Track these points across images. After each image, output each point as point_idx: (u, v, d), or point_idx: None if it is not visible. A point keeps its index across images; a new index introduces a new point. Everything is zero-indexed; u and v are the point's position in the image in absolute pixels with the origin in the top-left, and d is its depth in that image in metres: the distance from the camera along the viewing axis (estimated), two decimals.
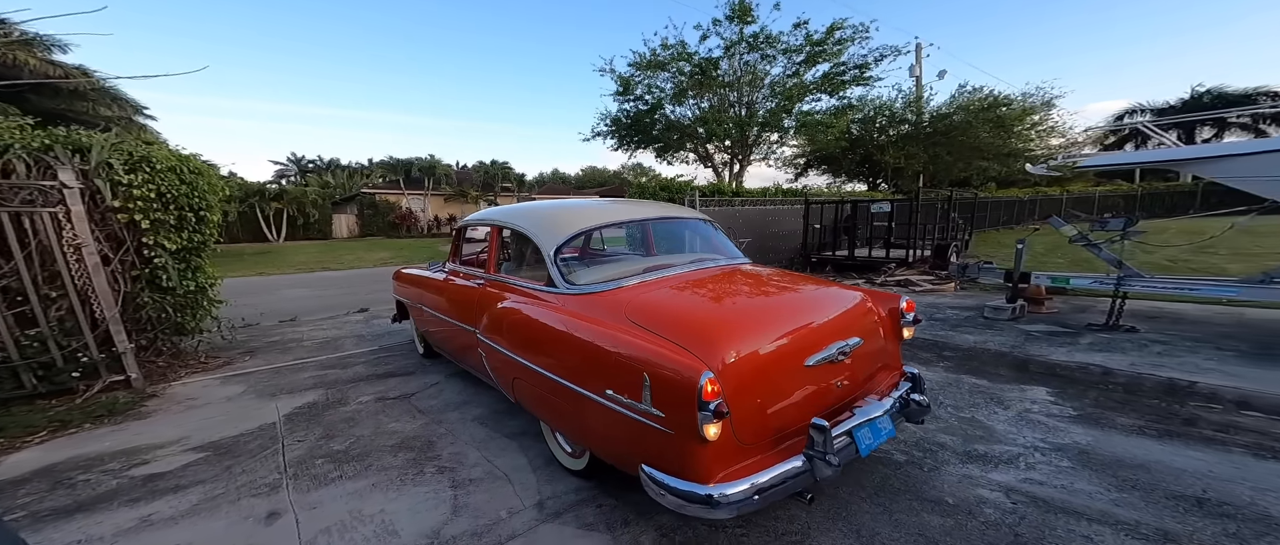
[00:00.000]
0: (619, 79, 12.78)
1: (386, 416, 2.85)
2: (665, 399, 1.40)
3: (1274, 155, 3.64)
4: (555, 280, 2.06)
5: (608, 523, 1.76)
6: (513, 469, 2.17)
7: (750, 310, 1.85)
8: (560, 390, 1.77)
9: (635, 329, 1.64)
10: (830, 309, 1.90)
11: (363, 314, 6.18)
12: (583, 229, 2.31)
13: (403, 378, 3.56)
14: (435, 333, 3.30)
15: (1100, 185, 19.56)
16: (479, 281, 2.62)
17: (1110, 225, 4.49)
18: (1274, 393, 2.77)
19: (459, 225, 3.18)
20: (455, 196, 28.32)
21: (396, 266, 4.59)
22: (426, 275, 3.34)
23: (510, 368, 2.10)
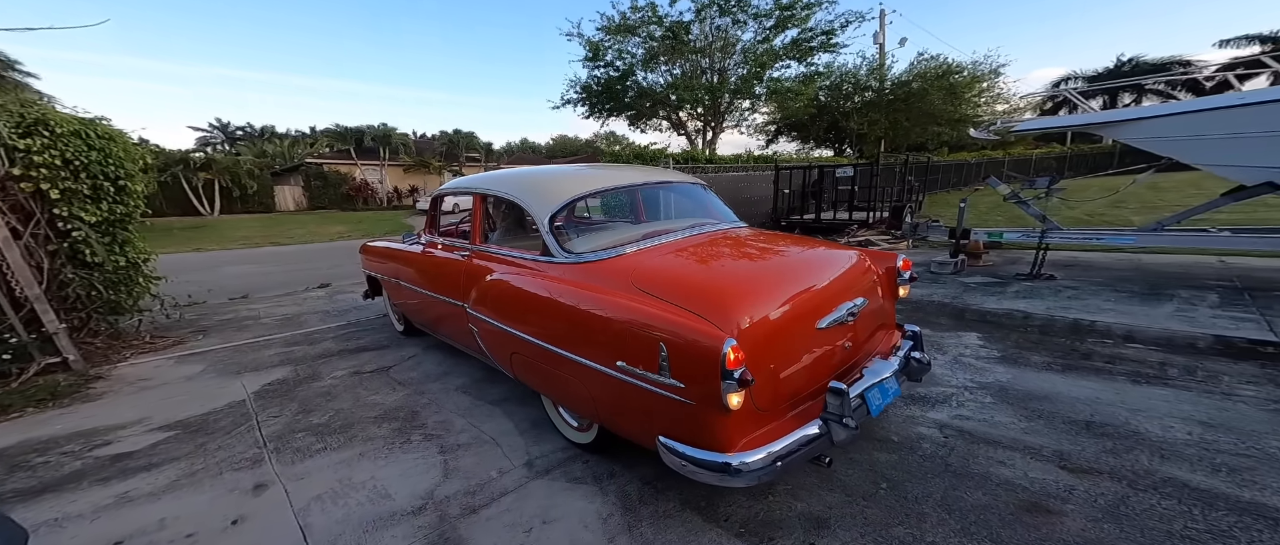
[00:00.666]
0: (588, 44, 12.24)
1: (365, 389, 2.85)
2: (685, 369, 1.36)
3: (1166, 119, 4.14)
4: (552, 249, 1.98)
5: (594, 475, 1.92)
6: (500, 433, 2.28)
7: (760, 274, 1.83)
8: (565, 364, 1.73)
9: (644, 297, 1.59)
10: (835, 269, 1.88)
11: (325, 289, 5.92)
12: (578, 195, 2.22)
13: (378, 352, 3.52)
14: (416, 309, 3.15)
15: (1038, 148, 21.05)
16: (464, 253, 2.49)
17: (1037, 184, 5.04)
18: (1154, 326, 3.29)
19: (435, 194, 2.99)
20: (416, 167, 26.58)
21: (358, 240, 4.41)
22: (401, 248, 3.17)
23: (507, 343, 2.04)
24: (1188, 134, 3.99)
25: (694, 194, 2.78)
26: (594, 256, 1.91)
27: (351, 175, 24.69)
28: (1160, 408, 2.23)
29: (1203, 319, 3.37)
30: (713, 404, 1.34)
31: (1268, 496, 1.62)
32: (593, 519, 1.67)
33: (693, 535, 1.57)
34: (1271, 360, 2.66)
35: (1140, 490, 1.69)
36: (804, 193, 9.35)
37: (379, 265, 3.58)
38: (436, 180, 27.31)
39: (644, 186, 2.68)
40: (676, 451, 1.43)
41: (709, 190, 2.83)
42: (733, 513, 1.65)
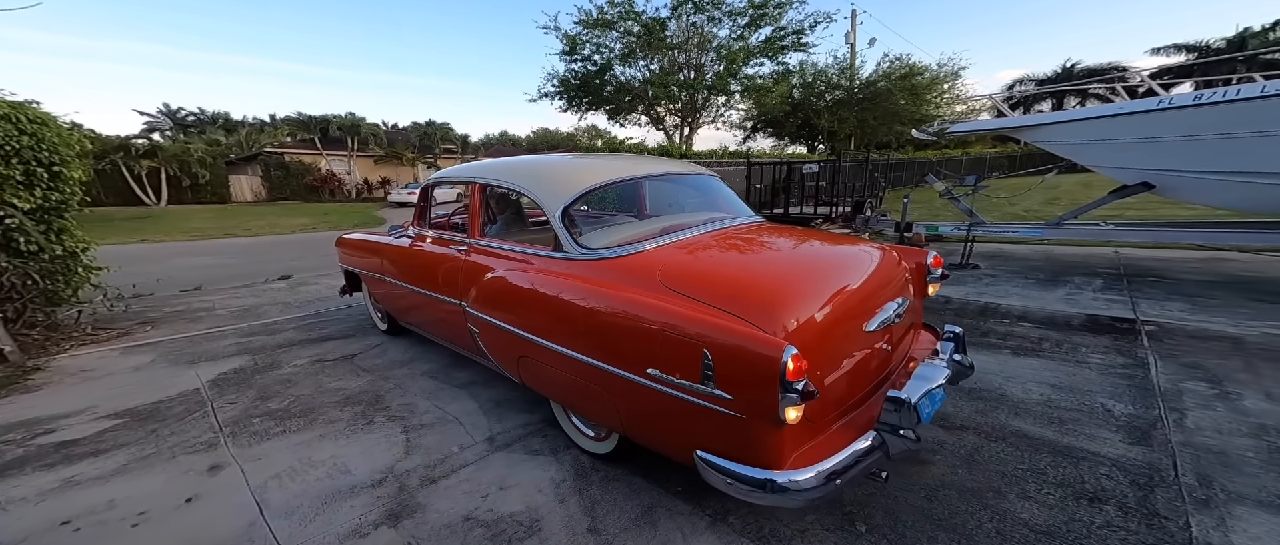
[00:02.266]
0: (565, 38, 12.20)
1: (327, 377, 2.87)
2: (735, 379, 1.24)
3: (1063, 125, 4.62)
4: (564, 244, 1.82)
5: (552, 448, 2.04)
6: (463, 413, 2.36)
7: (800, 272, 1.70)
8: (584, 371, 1.58)
9: (676, 298, 1.46)
10: (871, 266, 1.76)
11: (286, 281, 5.76)
12: (592, 186, 2.05)
13: (342, 340, 3.52)
14: (405, 307, 2.92)
15: (994, 147, 22.30)
16: (460, 248, 2.27)
17: (966, 182, 5.52)
18: (1043, 308, 3.68)
19: (426, 183, 2.79)
20: (387, 158, 25.65)
21: (323, 232, 4.33)
22: (385, 242, 2.94)
23: (514, 346, 1.87)
24: (1080, 138, 4.46)
25: (706, 186, 2.59)
26: (613, 252, 1.75)
27: (316, 165, 23.66)
28: (1027, 375, 2.56)
29: (1084, 301, 3.79)
30: (766, 417, 1.22)
31: (1080, 441, 1.95)
32: (546, 484, 1.80)
33: (636, 494, 1.72)
34: (1125, 334, 3.04)
35: (992, 441, 1.97)
36: (773, 187, 9.70)
37: (359, 260, 3.33)
38: (409, 172, 26.48)
39: (656, 178, 2.50)
40: (719, 467, 1.31)
41: (721, 182, 2.66)
42: (673, 476, 1.81)
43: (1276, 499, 1.55)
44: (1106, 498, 1.62)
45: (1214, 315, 3.26)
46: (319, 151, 23.79)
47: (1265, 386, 2.26)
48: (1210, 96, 3.57)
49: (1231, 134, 3.53)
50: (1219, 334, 2.93)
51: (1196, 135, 3.71)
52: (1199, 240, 4.58)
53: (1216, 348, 2.74)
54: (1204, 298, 3.65)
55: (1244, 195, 3.87)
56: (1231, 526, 1.46)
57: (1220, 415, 2.06)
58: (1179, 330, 3.06)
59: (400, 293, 2.79)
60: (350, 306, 4.42)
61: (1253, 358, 2.56)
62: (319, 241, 9.71)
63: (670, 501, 1.68)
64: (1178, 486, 1.65)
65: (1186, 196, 4.35)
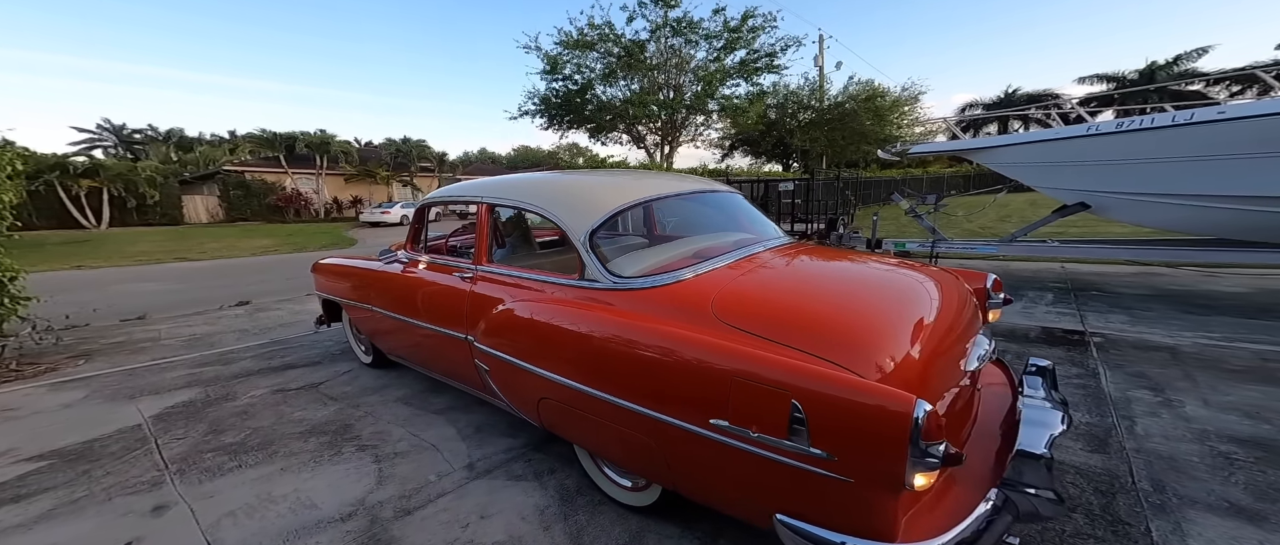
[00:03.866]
0: (546, 57, 12.60)
1: (290, 406, 2.70)
2: (841, 437, 1.05)
3: (1009, 148, 5.08)
4: (594, 273, 1.63)
5: (535, 472, 1.98)
6: (441, 439, 2.27)
7: (883, 303, 1.50)
8: (624, 417, 1.39)
9: (740, 335, 1.28)
10: (952, 294, 1.60)
11: (244, 307, 5.44)
12: (622, 206, 1.84)
13: (308, 368, 3.33)
14: (396, 340, 2.65)
15: (950, 167, 24.01)
16: (465, 275, 2.04)
17: (928, 200, 5.95)
18: (1004, 322, 3.80)
19: (422, 203, 2.57)
20: (359, 176, 25.10)
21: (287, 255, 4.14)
22: (373, 267, 2.70)
23: (533, 387, 1.66)
24: (1023, 161, 4.93)
25: (731, 204, 2.39)
26: (650, 282, 1.57)
27: (281, 184, 22.86)
28: None
29: (1038, 314, 4.06)
30: (883, 483, 1.03)
31: None
32: (530, 511, 1.74)
33: (623, 519, 1.69)
34: (1076, 345, 3.28)
35: None
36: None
37: (339, 287, 3.06)
38: (382, 191, 25.97)
39: (682, 196, 2.27)
40: (812, 537, 1.11)
41: (744, 199, 2.52)
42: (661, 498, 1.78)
43: (1224, 503, 1.66)
44: (1074, 505, 1.70)
45: (1152, 326, 3.56)
46: (284, 170, 23.07)
47: (1202, 393, 2.47)
48: (1130, 124, 3.99)
49: (1150, 159, 3.95)
50: (1157, 344, 3.21)
51: (1121, 160, 4.13)
52: (1129, 257, 5.04)
53: (1156, 357, 2.99)
54: (1141, 310, 3.98)
55: (1164, 216, 4.31)
56: (1187, 530, 1.55)
57: (1166, 422, 2.23)
58: (1123, 341, 3.32)
59: (391, 324, 2.52)
60: (317, 332, 4.21)
61: (1188, 366, 2.81)
62: (283, 264, 9.28)
63: (659, 525, 1.66)
64: (1136, 492, 1.74)
65: (1117, 216, 4.76)
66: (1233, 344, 3.07)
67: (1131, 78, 20.58)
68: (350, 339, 3.45)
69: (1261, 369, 2.66)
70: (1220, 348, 3.03)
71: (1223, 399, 2.37)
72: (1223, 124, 3.51)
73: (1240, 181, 3.57)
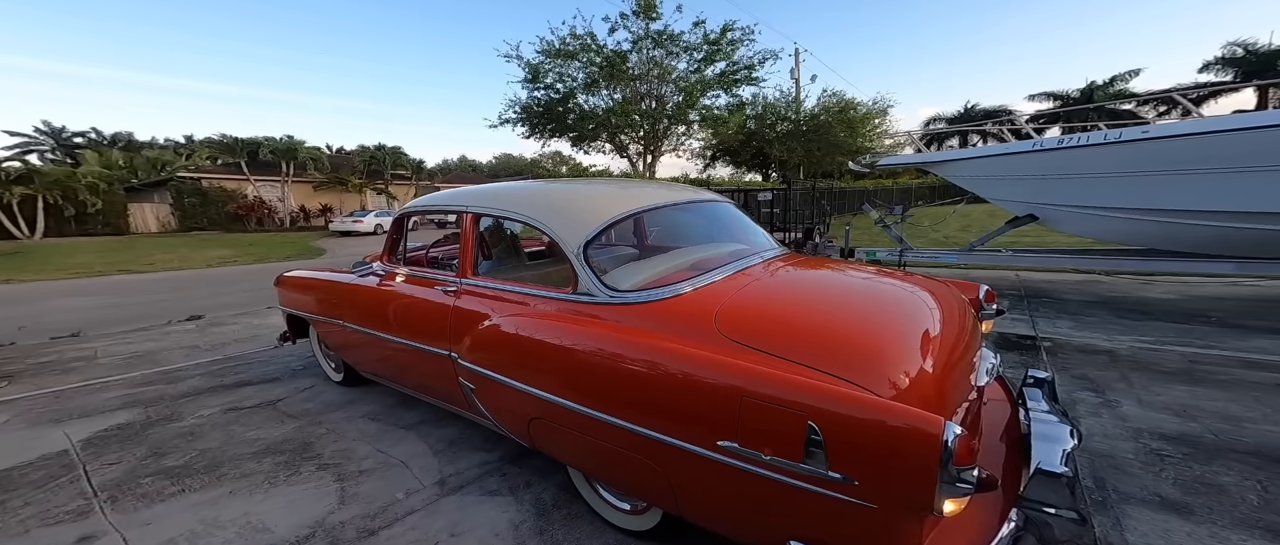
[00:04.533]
0: (528, 66, 12.65)
1: (242, 426, 2.53)
2: (863, 461, 1.00)
3: (966, 162, 5.46)
4: (588, 286, 1.56)
5: (511, 487, 1.93)
6: (411, 455, 2.17)
7: (891, 317, 1.47)
8: (624, 438, 1.32)
9: (747, 352, 1.23)
10: (953, 306, 1.56)
11: (195, 322, 5.09)
12: (616, 217, 1.75)
13: (264, 385, 3.13)
14: (371, 356, 2.50)
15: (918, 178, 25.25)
16: (448, 288, 1.93)
17: (895, 211, 6.29)
18: None
19: (400, 213, 2.42)
20: (330, 184, 24.18)
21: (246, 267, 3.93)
22: (346, 280, 2.53)
23: (523, 406, 1.58)
24: (978, 174, 5.31)
25: (724, 214, 2.33)
26: (648, 296, 1.51)
27: (242, 192, 21.73)
28: None
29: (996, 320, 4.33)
30: (909, 509, 0.99)
31: None
32: (504, 527, 1.68)
33: (600, 532, 1.66)
34: (1029, 350, 3.51)
35: None
36: None
37: (306, 301, 2.87)
38: (354, 200, 25.13)
39: (677, 206, 2.18)
40: None
41: (737, 209, 2.45)
42: None
43: (1156, 498, 1.78)
44: None
45: (1093, 332, 3.84)
46: (246, 177, 21.98)
47: (1137, 394, 2.68)
48: (1068, 141, 4.35)
49: (1086, 174, 4.30)
50: (1099, 348, 3.46)
51: (1062, 174, 4.48)
52: (1073, 265, 5.45)
53: (1097, 360, 3.22)
54: (1084, 316, 4.29)
55: (1101, 227, 4.70)
56: (1126, 525, 1.64)
57: (1106, 421, 2.40)
58: (1068, 345, 3.56)
59: (366, 340, 2.36)
60: (278, 348, 3.98)
61: (1125, 369, 3.04)
62: (241, 276, 8.75)
63: (639, 540, 1.63)
64: (1081, 489, 1.84)
65: (1062, 226, 5.14)
66: (1163, 347, 3.35)
67: (1074, 96, 22.36)
68: (318, 356, 3.25)
69: (1189, 371, 2.91)
70: (1153, 351, 3.30)
71: (1155, 399, 2.57)
72: (1146, 143, 3.88)
73: (1163, 196, 3.95)
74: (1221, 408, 2.36)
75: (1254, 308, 4.14)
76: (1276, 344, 3.20)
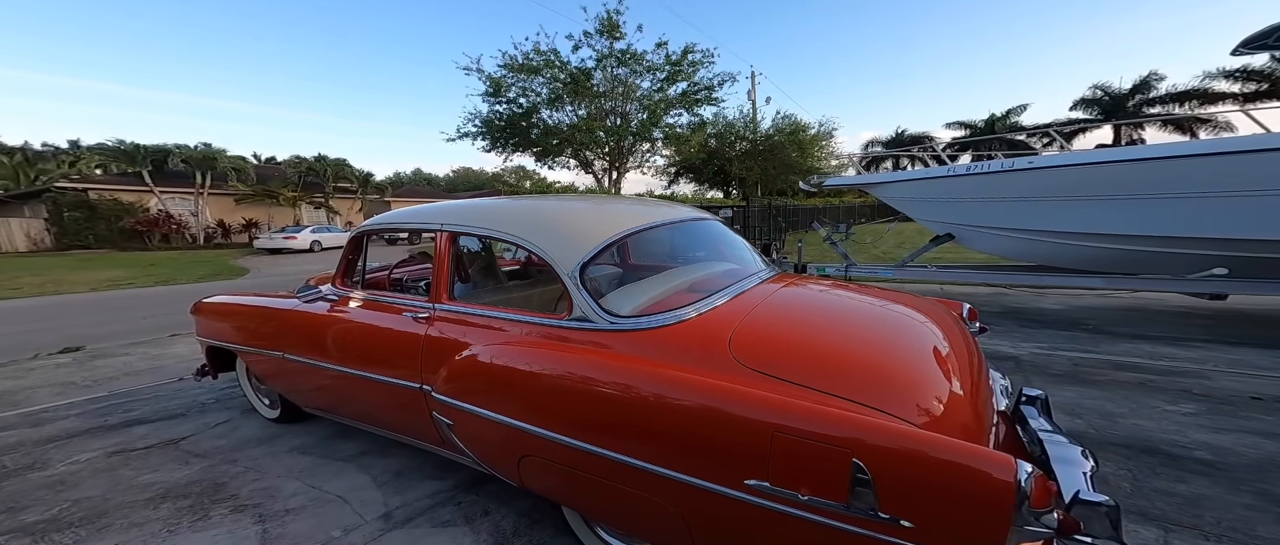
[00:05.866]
0: (489, 80, 12.56)
1: (133, 469, 2.15)
2: (923, 503, 0.93)
3: (895, 184, 6.10)
4: (585, 311, 1.46)
5: (466, 516, 1.78)
6: (350, 489, 1.95)
7: (914, 345, 1.43)
8: (639, 478, 1.22)
9: (770, 382, 1.17)
10: (960, 328, 1.55)
11: (71, 355, 4.32)
12: (613, 237, 1.65)
13: (163, 423, 2.70)
14: (319, 391, 2.25)
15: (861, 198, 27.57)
16: (419, 314, 1.77)
17: (841, 228, 6.86)
18: None
19: (357, 231, 2.19)
20: (256, 197, 21.94)
21: (146, 288, 3.46)
22: (283, 307, 2.27)
23: (512, 443, 1.45)
24: (905, 196, 5.98)
25: (711, 233, 2.26)
26: (652, 321, 1.43)
27: (143, 205, 19.09)
28: None
29: None
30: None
31: None
32: None
33: None
34: None
35: None
36: None
37: (232, 330, 2.53)
38: (285, 214, 22.99)
39: (672, 225, 2.08)
40: None
41: (726, 228, 2.40)
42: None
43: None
44: None
45: (1002, 339, 4.31)
46: (148, 188, 19.41)
47: None
48: (974, 168, 4.98)
49: (987, 198, 4.93)
50: (1006, 354, 3.88)
51: (970, 198, 5.10)
52: (982, 279, 6.16)
53: (1005, 366, 3.59)
54: (994, 325, 4.75)
55: (1001, 245, 5.36)
56: None
57: None
58: (987, 353, 3.99)
59: (316, 374, 2.10)
60: (181, 380, 3.47)
61: (1027, 372, 3.42)
62: (137, 301, 7.60)
63: None
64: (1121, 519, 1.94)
65: (973, 245, 5.79)
66: (1054, 352, 3.83)
67: (980, 126, 25.76)
68: (247, 391, 2.82)
69: (1074, 372, 3.33)
70: (1047, 355, 3.76)
71: (1053, 399, 2.93)
72: (1033, 172, 4.50)
73: (1048, 220, 4.58)
74: (1099, 405, 2.66)
75: (1120, 316, 4.88)
76: (1137, 348, 3.75)
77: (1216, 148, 3.56)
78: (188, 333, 5.10)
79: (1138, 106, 19.42)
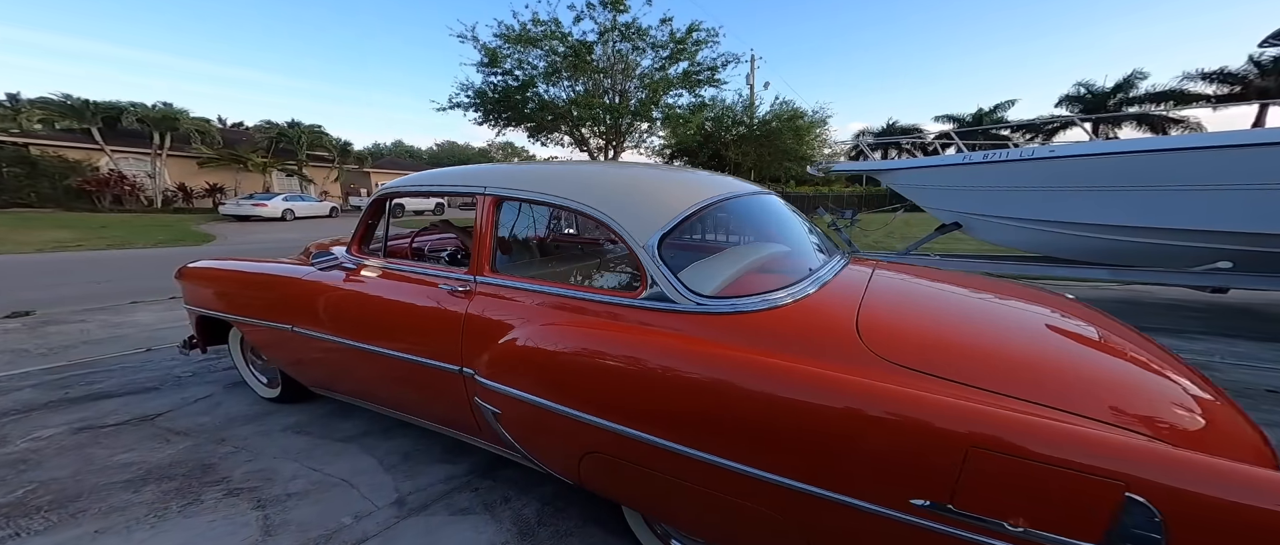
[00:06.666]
0: (485, 50, 12.07)
1: (104, 448, 2.00)
2: None
3: (906, 172, 6.10)
4: (666, 290, 1.31)
5: (485, 503, 1.71)
6: (355, 472, 1.85)
7: (1129, 353, 1.29)
8: (746, 487, 1.09)
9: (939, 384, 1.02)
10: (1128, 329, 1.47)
11: (21, 319, 4.01)
12: (693, 208, 1.50)
13: (132, 398, 2.52)
14: (332, 370, 2.05)
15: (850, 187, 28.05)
16: (456, 287, 1.62)
17: (846, 215, 6.90)
18: None
19: (379, 194, 1.99)
20: (222, 162, 20.77)
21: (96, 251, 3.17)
22: (293, 274, 2.07)
23: (577, 438, 1.31)
24: (916, 183, 5.98)
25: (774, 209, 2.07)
26: (741, 305, 1.29)
27: (92, 164, 17.91)
28: None
29: None
30: None
31: None
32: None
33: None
34: None
35: None
36: None
37: (228, 300, 2.31)
38: (254, 181, 21.98)
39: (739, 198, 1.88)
40: None
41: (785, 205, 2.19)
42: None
43: None
44: None
45: None
46: (98, 146, 18.14)
47: None
48: (992, 156, 4.95)
49: (1002, 188, 4.94)
50: None
51: (983, 187, 5.12)
52: (985, 270, 6.29)
53: None
54: None
55: (1008, 236, 5.42)
56: None
57: None
58: None
59: (330, 351, 1.92)
60: (150, 350, 3.25)
61: None
62: (90, 264, 7.13)
63: None
64: None
65: (980, 235, 5.82)
66: None
67: (968, 120, 26.43)
68: (240, 367, 2.60)
69: None
70: None
71: None
72: (1045, 162, 4.50)
73: (1059, 210, 4.62)
74: None
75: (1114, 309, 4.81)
76: None
77: (1227, 141, 3.57)
78: (152, 299, 4.80)
79: (1119, 105, 20.07)
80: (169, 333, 3.62)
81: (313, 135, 23.60)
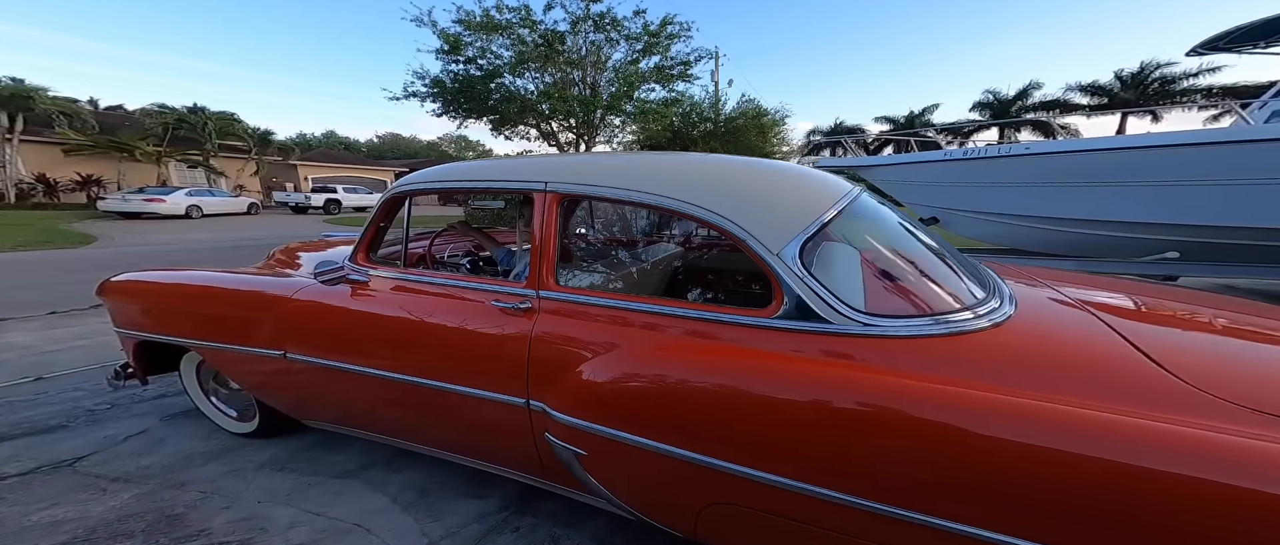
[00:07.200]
0: (444, 36, 11.40)
1: (14, 506, 1.60)
2: None
3: (889, 167, 6.42)
4: (820, 308, 1.11)
5: (539, 542, 1.56)
6: (366, 514, 1.62)
7: None
8: None
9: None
10: None
11: None
12: (833, 210, 1.30)
13: (33, 439, 2.04)
14: (344, 402, 1.74)
15: None
16: (512, 304, 1.39)
17: None
18: None
19: (395, 191, 1.73)
20: (99, 149, 17.71)
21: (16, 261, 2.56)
22: (287, 290, 1.73)
23: (699, 485, 1.12)
24: (897, 178, 6.28)
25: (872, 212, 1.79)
26: (945, 327, 1.09)
27: None
28: None
29: None
30: None
31: None
32: None
33: None
34: None
35: None
36: None
37: (187, 321, 1.89)
38: (143, 172, 18.97)
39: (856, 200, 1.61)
40: None
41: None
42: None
43: None
44: None
45: None
46: None
47: None
48: (970, 153, 5.25)
49: (979, 183, 5.21)
50: None
51: (959, 182, 5.40)
52: None
53: None
54: None
55: (987, 230, 5.73)
56: None
57: None
58: None
59: (342, 380, 1.61)
60: (40, 378, 2.66)
61: None
62: None
63: None
64: None
65: (957, 230, 6.07)
66: None
67: (902, 121, 29.46)
68: (196, 398, 2.18)
69: None
70: None
71: None
72: (1019, 159, 4.80)
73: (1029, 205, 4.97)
74: None
75: None
76: None
77: (1175, 141, 4.00)
78: (25, 315, 3.94)
79: (1019, 111, 23.86)
80: (60, 356, 2.98)
81: (222, 121, 20.91)
